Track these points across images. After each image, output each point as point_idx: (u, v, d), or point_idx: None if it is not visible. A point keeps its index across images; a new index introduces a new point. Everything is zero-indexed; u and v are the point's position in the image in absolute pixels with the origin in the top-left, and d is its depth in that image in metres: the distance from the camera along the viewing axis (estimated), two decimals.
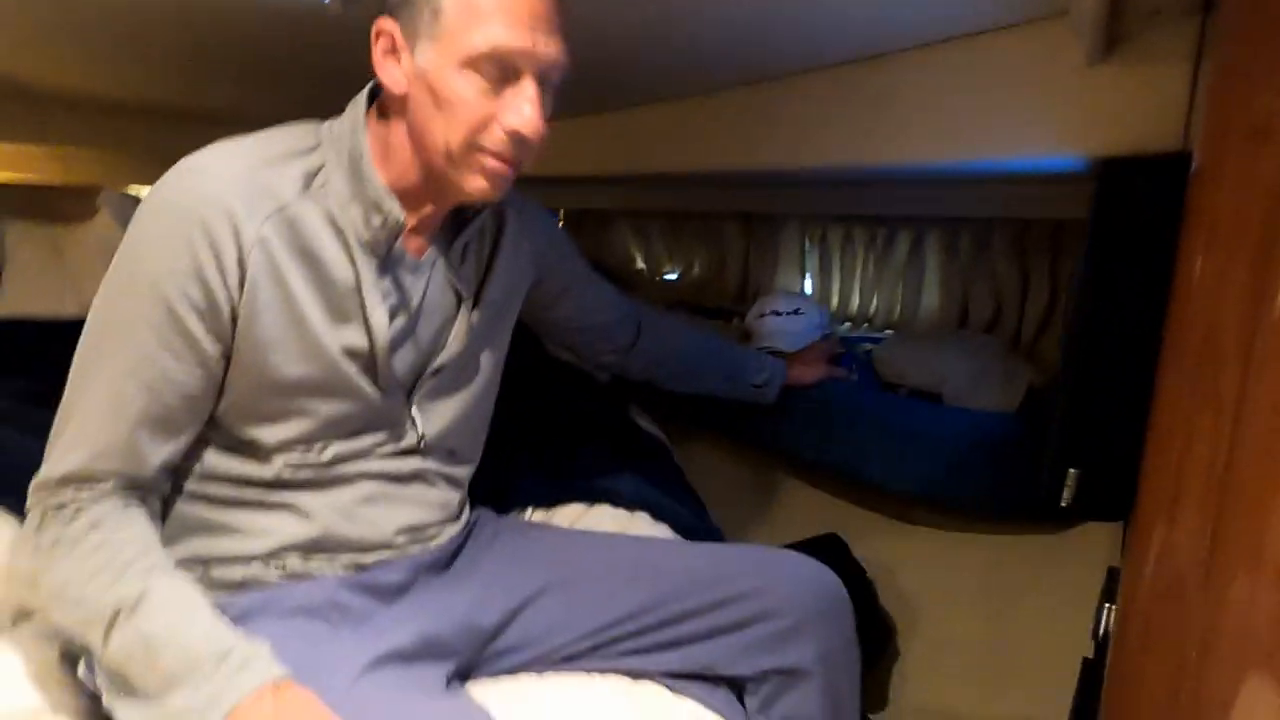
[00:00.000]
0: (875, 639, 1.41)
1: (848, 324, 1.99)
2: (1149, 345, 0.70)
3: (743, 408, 1.40)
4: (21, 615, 0.88)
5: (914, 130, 1.23)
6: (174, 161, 0.76)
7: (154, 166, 0.77)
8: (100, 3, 1.21)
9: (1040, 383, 1.42)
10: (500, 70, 0.74)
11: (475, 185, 0.78)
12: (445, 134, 0.76)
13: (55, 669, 0.80)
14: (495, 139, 0.76)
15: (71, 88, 1.87)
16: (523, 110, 0.74)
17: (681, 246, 2.50)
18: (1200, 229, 0.63)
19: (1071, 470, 0.78)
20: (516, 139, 0.76)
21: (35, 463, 0.74)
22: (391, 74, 0.77)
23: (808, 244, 2.07)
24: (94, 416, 0.73)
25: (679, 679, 0.88)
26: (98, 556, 0.71)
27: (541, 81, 0.76)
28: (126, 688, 0.68)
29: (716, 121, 1.59)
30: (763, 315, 1.81)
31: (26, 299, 1.76)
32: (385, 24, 0.76)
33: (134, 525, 0.74)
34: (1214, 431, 0.61)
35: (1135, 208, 0.78)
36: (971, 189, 1.55)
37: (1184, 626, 0.64)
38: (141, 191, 2.00)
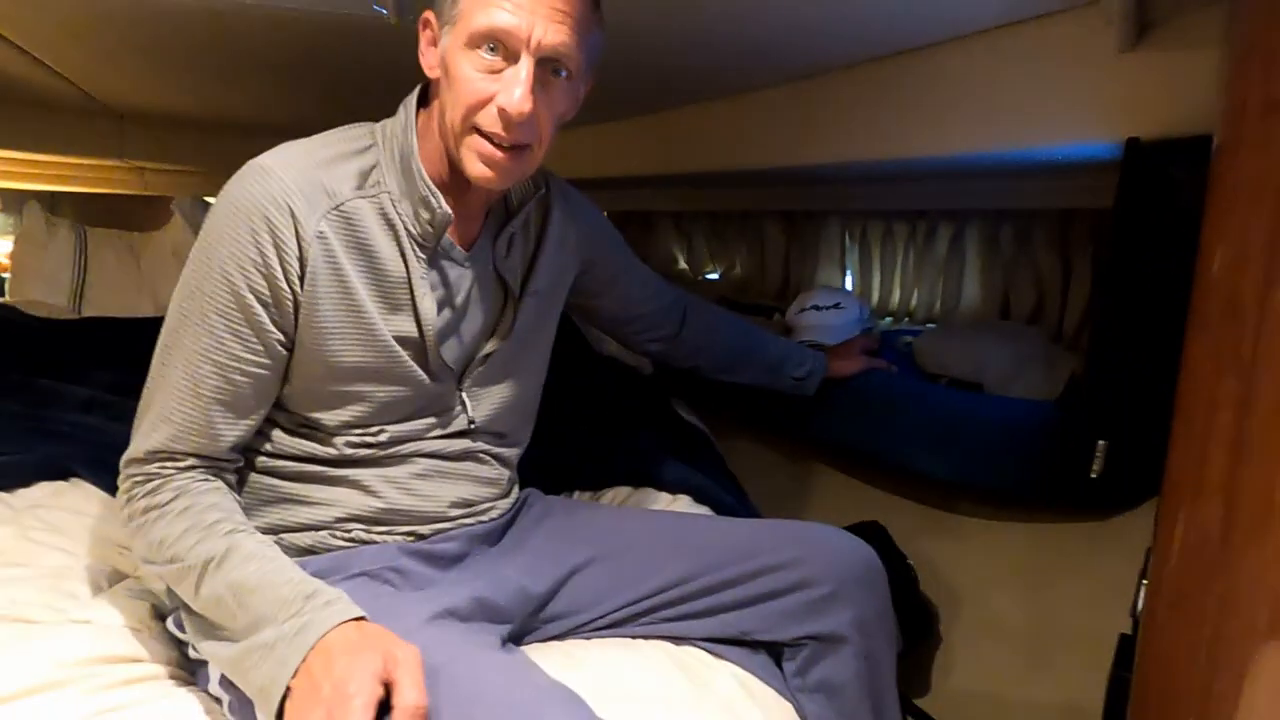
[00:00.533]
0: (918, 625, 1.42)
1: (889, 319, 2.00)
2: (1175, 318, 0.72)
3: (783, 401, 1.42)
4: (116, 576, 0.96)
5: (951, 121, 1.25)
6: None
7: (223, 177, 0.83)
8: (175, 23, 1.30)
9: (1083, 371, 1.42)
10: (501, 52, 0.77)
11: (474, 169, 0.81)
12: (451, 112, 0.80)
13: (148, 622, 0.88)
14: (489, 118, 0.78)
15: (146, 104, 2.00)
16: (512, 91, 0.76)
17: (723, 246, 2.53)
18: (1220, 201, 0.66)
19: (1101, 442, 0.79)
20: (505, 118, 0.78)
21: (123, 444, 0.81)
22: (429, 60, 0.84)
23: (848, 240, 2.09)
24: (173, 397, 0.79)
25: (719, 644, 0.91)
26: (185, 519, 0.77)
27: (547, 68, 0.79)
28: (216, 631, 0.75)
29: (757, 120, 1.63)
30: (803, 310, 1.84)
31: (109, 300, 1.89)
32: (428, 14, 0.83)
33: (214, 494, 0.80)
34: (1236, 398, 0.63)
35: (1159, 186, 0.79)
36: (1011, 181, 1.55)
37: (1204, 592, 0.66)
38: (212, 199, 2.12)
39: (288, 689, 0.67)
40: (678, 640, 0.92)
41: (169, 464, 0.80)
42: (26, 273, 1.87)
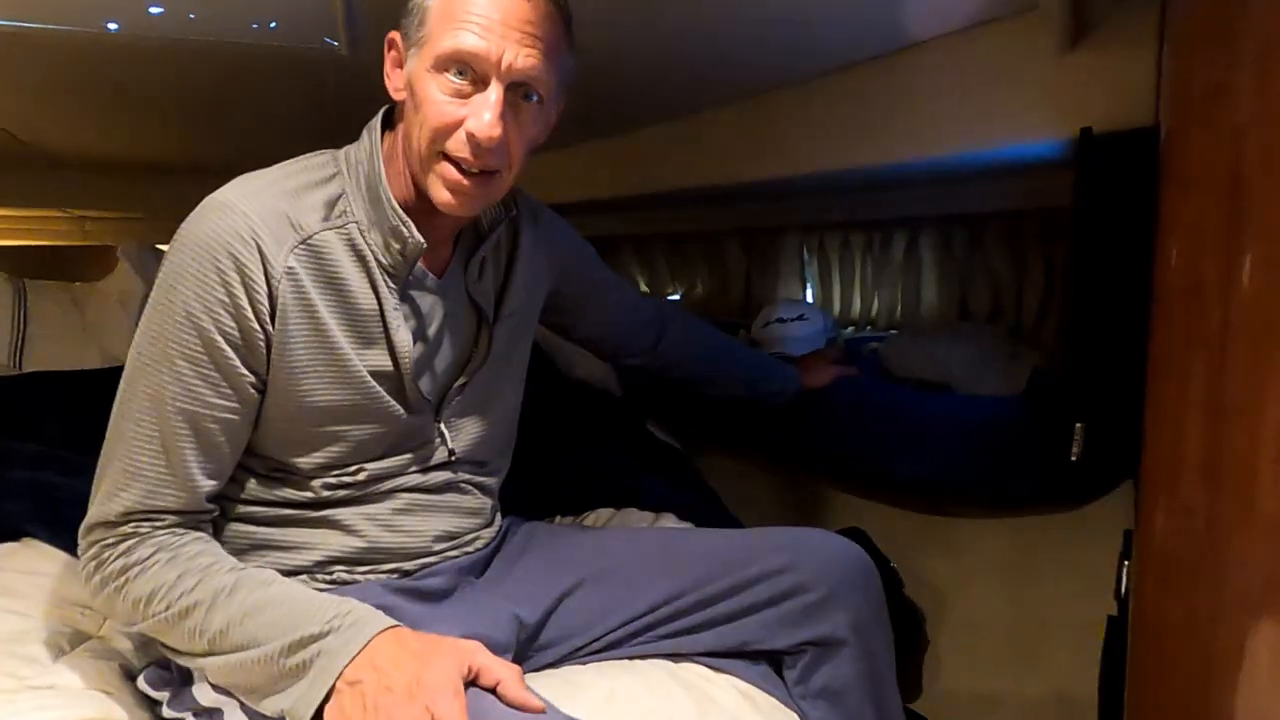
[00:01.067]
0: (904, 629, 1.42)
1: (851, 328, 2.04)
2: (1142, 298, 0.74)
3: (756, 415, 1.43)
4: (78, 638, 0.91)
5: (901, 130, 1.29)
6: (187, 217, 0.78)
7: (168, 222, 0.79)
8: (111, 61, 1.26)
9: (1044, 364, 1.46)
10: (470, 76, 0.75)
11: (440, 196, 0.79)
12: (418, 136, 0.78)
13: (117, 684, 0.83)
14: (457, 143, 0.76)
15: (84, 150, 1.94)
16: (481, 115, 0.75)
17: (684, 266, 2.56)
18: (1174, 182, 0.68)
19: (1078, 424, 0.81)
20: (473, 143, 0.76)
21: (79, 499, 0.76)
22: (394, 82, 0.82)
23: (806, 253, 2.13)
24: (142, 452, 0.75)
25: (718, 657, 0.90)
26: (174, 567, 0.73)
27: (518, 92, 0.77)
28: (236, 648, 0.71)
29: (712, 138, 1.65)
30: (768, 324, 1.86)
31: (52, 354, 1.80)
32: (393, 35, 0.81)
33: (199, 543, 0.77)
34: (1206, 368, 0.65)
35: (1113, 172, 0.83)
36: (963, 185, 1.60)
37: (1194, 563, 0.67)
38: (162, 246, 2.06)
39: (332, 690, 0.66)
40: (676, 657, 0.90)
41: (145, 524, 0.75)
42: None
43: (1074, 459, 0.83)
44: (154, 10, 1.10)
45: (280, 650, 0.68)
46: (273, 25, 1.17)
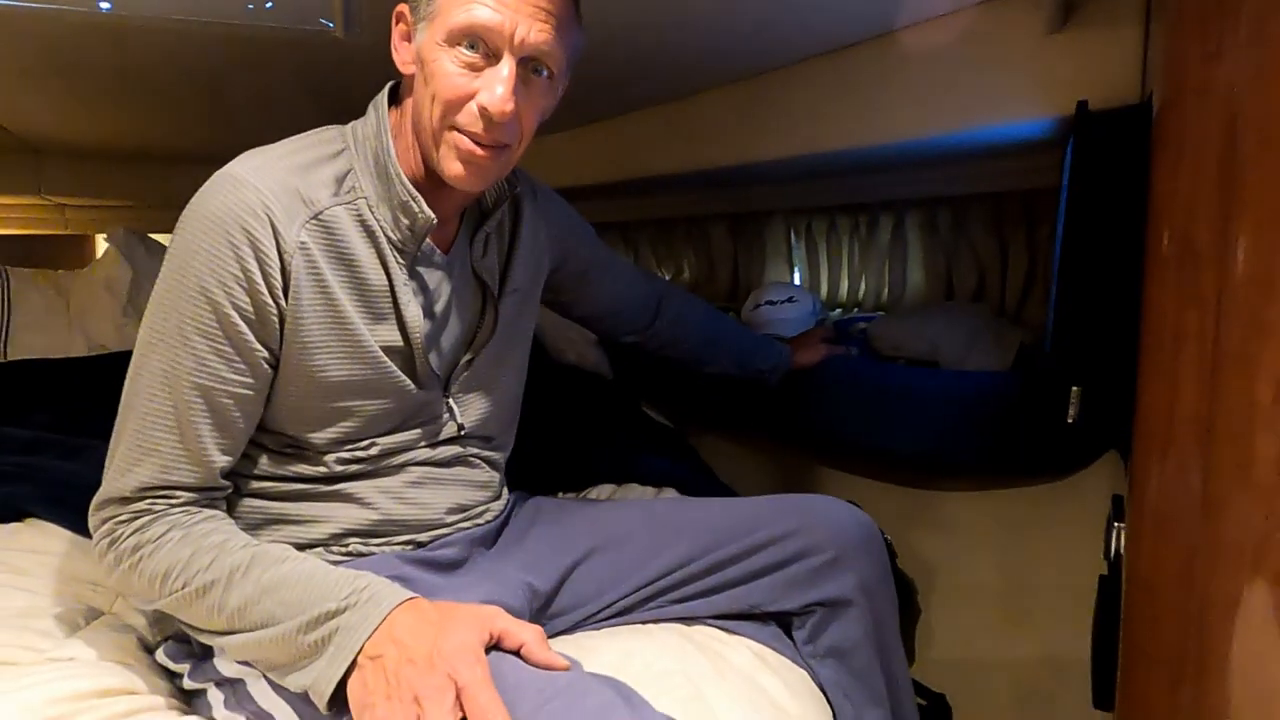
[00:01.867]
0: (898, 599, 1.46)
1: (839, 310, 2.07)
2: (1134, 262, 0.78)
3: (750, 395, 1.44)
4: (92, 614, 0.91)
5: (891, 111, 1.31)
6: (174, 205, 0.78)
7: (152, 210, 0.78)
8: (94, 43, 1.24)
9: (1030, 341, 1.50)
10: (482, 49, 0.76)
11: (452, 169, 0.79)
12: (429, 109, 0.78)
13: (136, 655, 0.83)
14: (469, 116, 0.77)
15: (65, 136, 1.91)
16: (494, 89, 0.75)
17: (671, 251, 2.57)
18: (1168, 148, 0.71)
19: (1074, 388, 0.84)
20: (485, 116, 0.76)
21: (80, 480, 0.76)
22: (402, 56, 0.82)
23: (793, 237, 2.15)
24: (156, 427, 0.74)
25: (729, 620, 0.92)
26: (187, 545, 0.73)
27: (528, 66, 0.78)
28: (255, 626, 0.70)
29: (700, 122, 1.67)
30: (758, 306, 1.88)
31: (37, 342, 1.78)
32: (402, 8, 0.81)
33: (211, 521, 0.76)
34: (1200, 329, 0.68)
35: (1108, 144, 0.86)
36: (947, 168, 1.63)
37: (1188, 520, 0.70)
38: (151, 234, 2.03)
39: (353, 666, 0.66)
40: (688, 621, 0.93)
41: (160, 500, 0.75)
42: None
43: (1070, 421, 0.86)
44: None
45: (299, 628, 0.68)
46: (268, 5, 1.16)
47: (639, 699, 0.68)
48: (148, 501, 0.75)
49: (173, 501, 0.76)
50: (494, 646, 0.70)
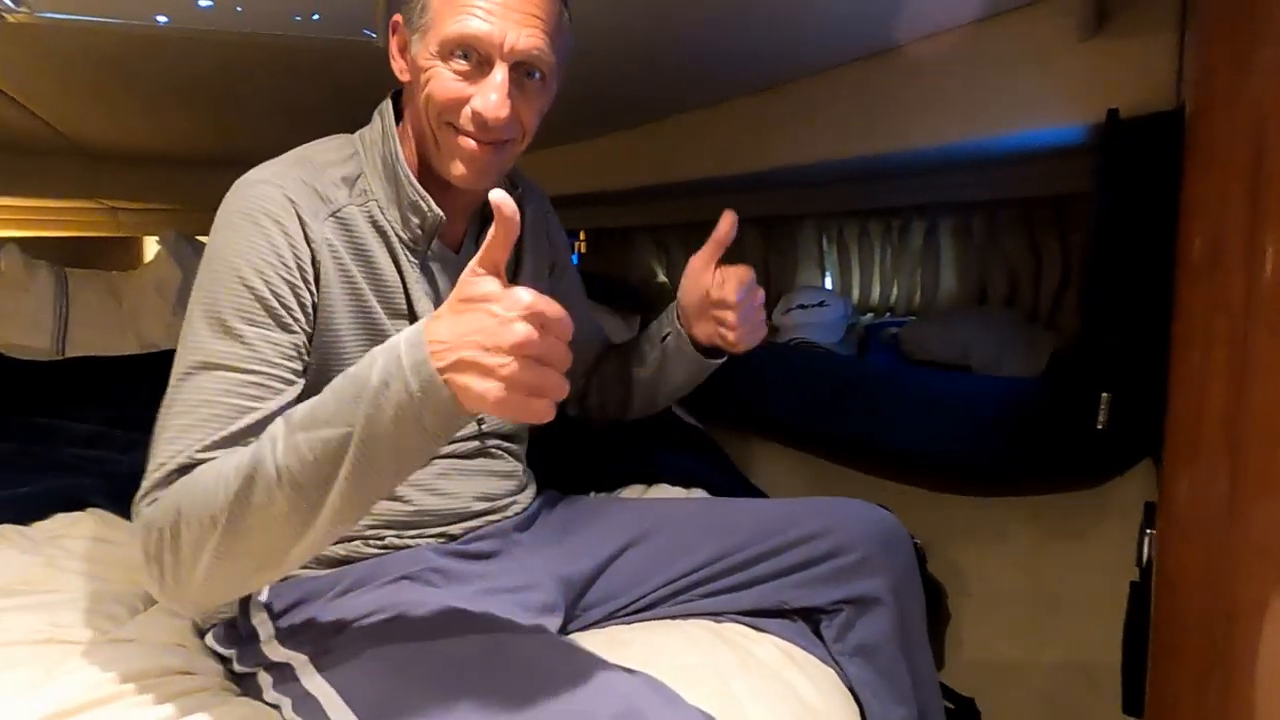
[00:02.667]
0: (927, 603, 1.46)
1: (870, 314, 2.07)
2: (1164, 272, 0.78)
3: (778, 398, 1.44)
4: (150, 599, 0.96)
5: (925, 116, 1.32)
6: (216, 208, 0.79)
7: (200, 213, 0.79)
8: (154, 52, 1.29)
9: (1063, 346, 1.49)
10: (474, 58, 0.77)
11: (455, 170, 0.81)
12: (427, 116, 0.80)
13: (191, 639, 0.87)
14: (464, 118, 0.79)
15: (118, 142, 1.98)
16: (488, 96, 0.77)
17: None
18: (1199, 157, 0.72)
19: (1104, 394, 0.84)
20: (479, 122, 0.78)
21: (136, 473, 0.73)
22: (399, 65, 0.85)
23: (825, 242, 2.16)
24: (200, 408, 0.72)
25: (757, 616, 0.94)
26: (209, 472, 0.68)
27: (520, 71, 0.79)
28: (318, 464, 0.63)
29: (733, 128, 1.68)
30: (790, 310, 1.89)
31: (92, 340, 1.86)
32: (397, 18, 0.84)
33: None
34: (1229, 335, 0.68)
35: (1138, 152, 0.86)
36: (979, 173, 1.63)
37: (1217, 523, 0.71)
38: (200, 237, 2.10)
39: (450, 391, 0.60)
40: (717, 617, 0.94)
41: None
42: (6, 316, 1.83)
43: (1100, 428, 0.86)
44: (203, 4, 1.14)
45: (365, 420, 0.61)
46: (315, 17, 1.21)
47: (670, 692, 0.70)
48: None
49: None
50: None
